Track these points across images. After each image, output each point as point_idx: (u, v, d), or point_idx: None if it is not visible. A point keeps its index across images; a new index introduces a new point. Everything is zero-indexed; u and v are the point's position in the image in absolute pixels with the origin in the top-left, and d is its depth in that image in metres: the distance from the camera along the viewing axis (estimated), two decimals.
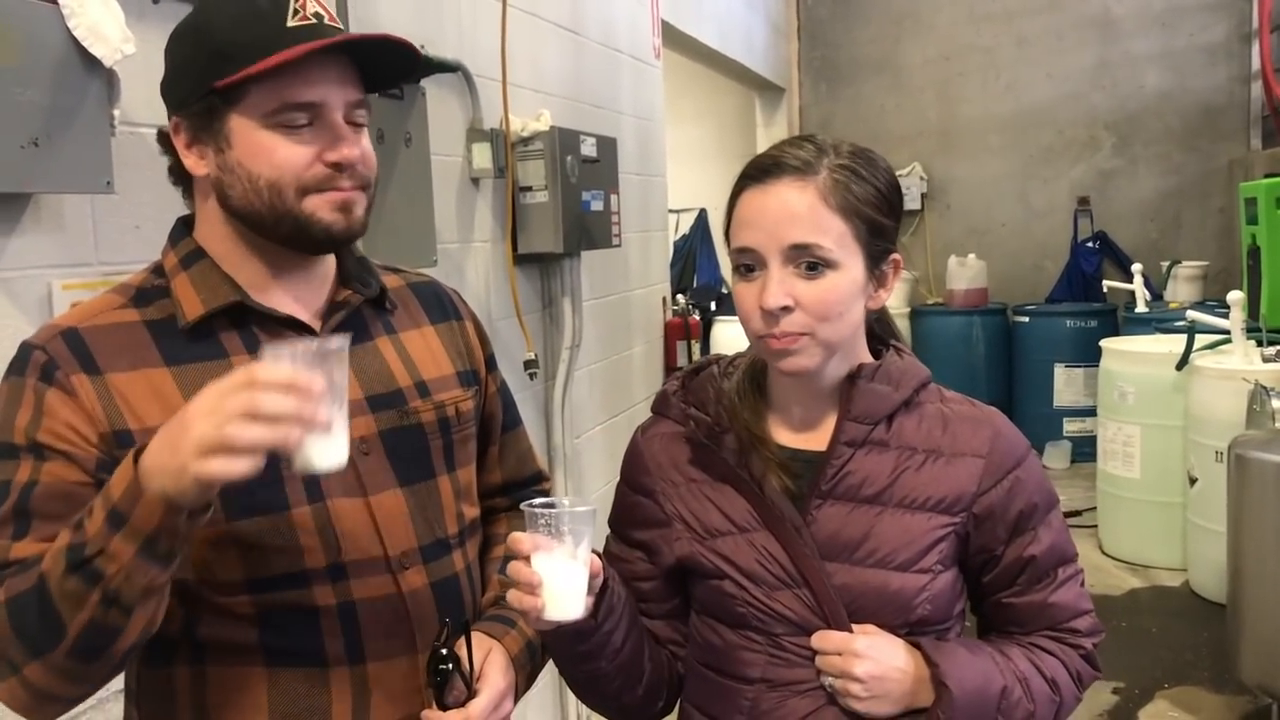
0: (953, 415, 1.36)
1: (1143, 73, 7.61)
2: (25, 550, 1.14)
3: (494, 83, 3.12)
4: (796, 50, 8.32)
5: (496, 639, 1.33)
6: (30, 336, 1.24)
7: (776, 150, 1.32)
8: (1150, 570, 5.16)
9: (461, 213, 3.07)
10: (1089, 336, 6.76)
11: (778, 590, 1.30)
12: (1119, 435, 5.28)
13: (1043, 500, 1.36)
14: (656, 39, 4.85)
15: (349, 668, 1.25)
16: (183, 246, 1.28)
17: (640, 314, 4.64)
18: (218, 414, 1.00)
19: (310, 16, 1.20)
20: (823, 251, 1.25)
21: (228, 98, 1.19)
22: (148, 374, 1.20)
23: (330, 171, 1.21)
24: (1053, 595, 1.37)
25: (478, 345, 1.48)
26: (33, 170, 1.57)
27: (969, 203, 8.11)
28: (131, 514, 1.03)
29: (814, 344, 1.26)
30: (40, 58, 1.56)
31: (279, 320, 1.27)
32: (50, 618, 1.08)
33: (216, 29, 1.20)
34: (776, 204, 1.26)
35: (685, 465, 1.38)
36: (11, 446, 1.17)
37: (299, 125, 1.20)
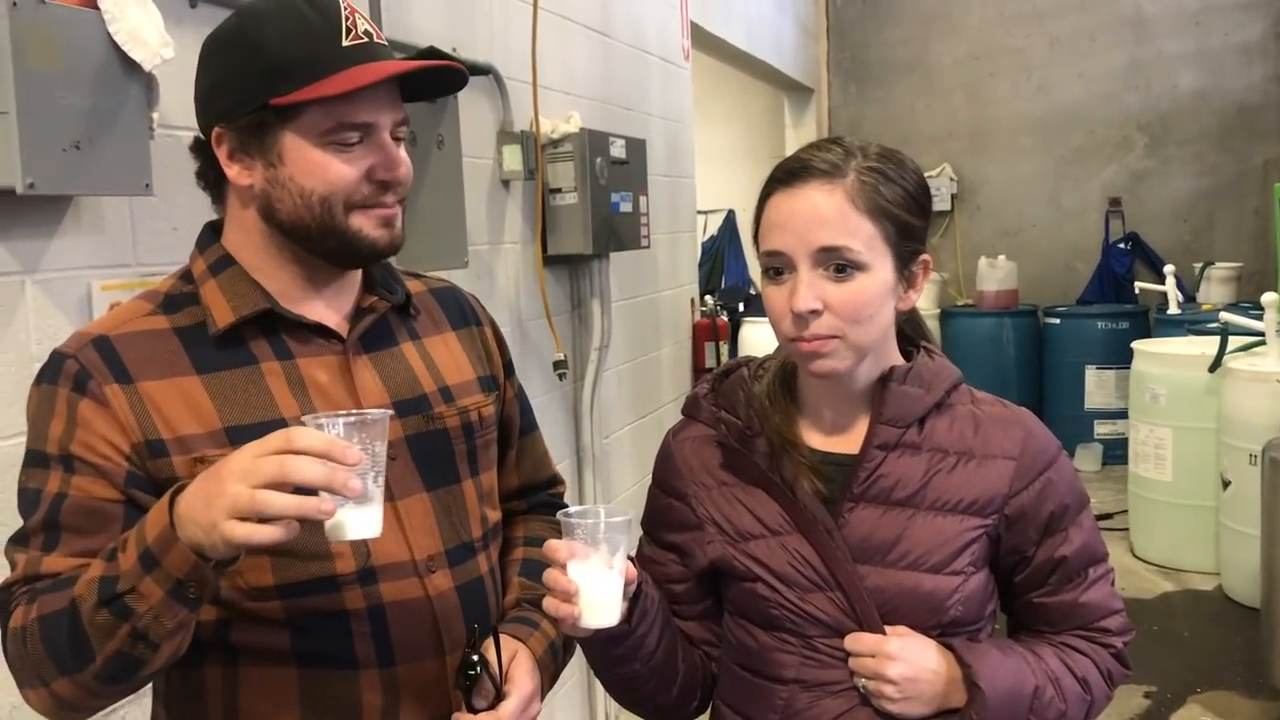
0: (984, 416, 1.35)
1: (1176, 72, 7.54)
2: (56, 565, 1.16)
3: (524, 85, 3.14)
4: (825, 51, 8.30)
5: (522, 641, 1.35)
6: (61, 344, 1.25)
7: (804, 153, 1.32)
8: (1182, 574, 5.12)
9: (492, 214, 3.09)
10: (1120, 338, 6.72)
11: (810, 593, 1.31)
12: (1150, 437, 5.24)
13: (1074, 501, 1.36)
14: (686, 41, 4.86)
15: (379, 670, 1.26)
16: (211, 253, 1.30)
17: (668, 315, 4.65)
18: (252, 476, 1.02)
19: (362, 35, 1.23)
20: (851, 254, 1.25)
21: (282, 114, 1.20)
22: (178, 382, 1.22)
23: (376, 189, 1.24)
24: (1084, 595, 1.37)
25: (496, 351, 1.50)
26: (74, 173, 1.59)
27: (999, 204, 8.06)
28: (163, 559, 1.05)
29: (845, 347, 1.27)
30: (82, 62, 1.59)
31: (308, 327, 1.28)
32: (80, 643, 1.10)
33: (270, 44, 1.21)
34: (805, 207, 1.26)
35: (716, 468, 1.39)
36: (44, 455, 1.19)
37: (351, 144, 1.22)
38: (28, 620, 1.13)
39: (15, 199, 1.57)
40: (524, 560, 1.48)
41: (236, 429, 1.21)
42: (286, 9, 1.23)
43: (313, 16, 1.22)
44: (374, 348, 1.33)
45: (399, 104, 1.27)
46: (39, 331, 1.67)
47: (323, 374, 1.28)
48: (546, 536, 1.49)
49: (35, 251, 1.67)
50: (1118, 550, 5.42)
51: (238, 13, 1.26)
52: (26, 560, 1.18)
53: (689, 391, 1.48)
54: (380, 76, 1.20)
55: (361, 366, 1.30)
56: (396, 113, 1.26)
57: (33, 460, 1.21)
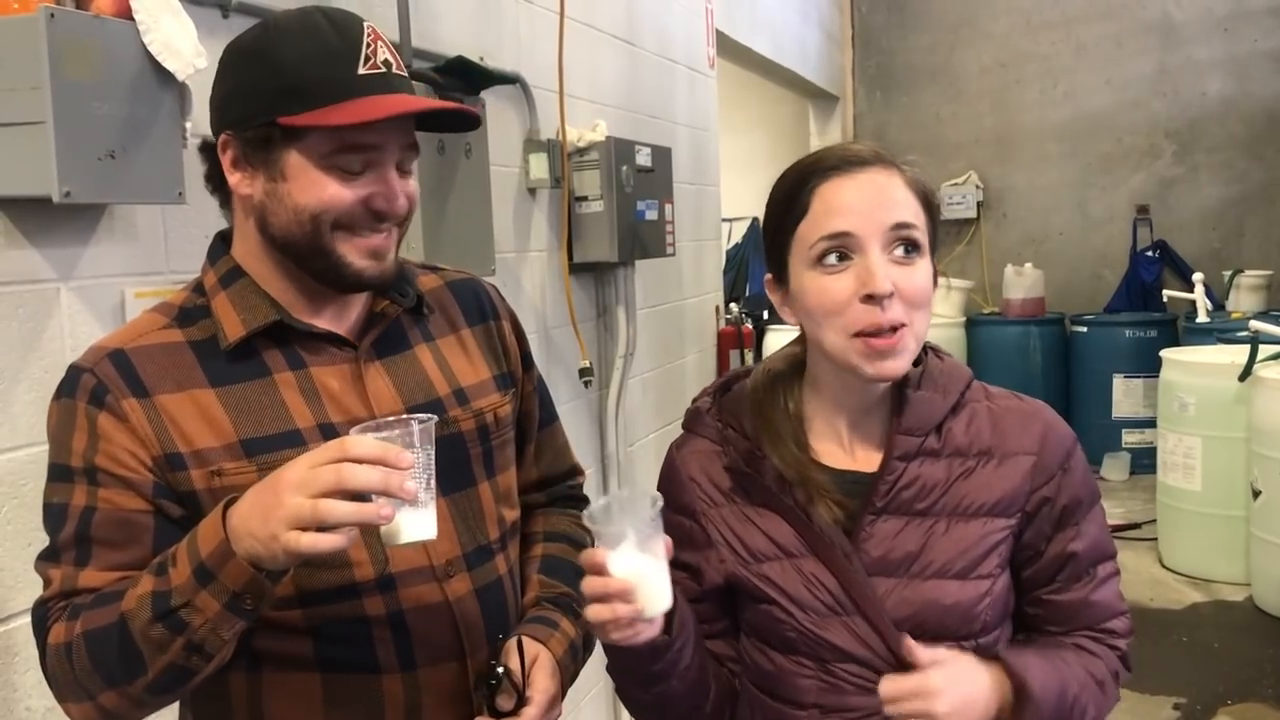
0: (1000, 412, 1.33)
1: (1205, 79, 7.49)
2: (92, 579, 1.17)
3: (551, 94, 3.16)
4: (851, 58, 8.29)
5: (542, 643, 1.34)
6: (78, 359, 1.26)
7: (843, 148, 1.30)
8: (1212, 584, 5.07)
9: (518, 222, 3.11)
10: (1148, 347, 6.67)
11: (826, 618, 1.28)
12: (1179, 447, 5.19)
13: (1087, 495, 1.34)
14: (711, 49, 4.87)
15: (400, 674, 1.27)
16: (221, 265, 1.31)
17: (693, 323, 4.65)
18: (309, 487, 1.03)
19: (380, 65, 1.22)
20: (919, 234, 1.24)
21: (289, 133, 1.20)
22: (194, 395, 1.22)
23: (371, 217, 1.24)
24: (1094, 593, 1.34)
25: (514, 344, 1.49)
26: (109, 182, 1.61)
27: (1026, 211, 8.03)
28: (219, 572, 1.07)
29: (911, 339, 1.24)
30: (117, 72, 1.61)
31: (319, 336, 1.29)
32: (131, 657, 1.11)
33: (287, 63, 1.21)
34: (873, 188, 1.24)
35: (726, 489, 1.35)
36: (67, 469, 1.20)
37: (354, 170, 1.22)
38: (72, 636, 1.14)
39: (51, 207, 1.59)
40: (543, 557, 1.48)
41: (252, 441, 1.22)
42: (310, 27, 1.22)
43: (334, 39, 1.22)
44: (386, 353, 1.33)
45: (409, 135, 1.26)
46: (74, 339, 1.69)
47: (335, 382, 1.28)
48: (566, 531, 1.52)
49: (70, 259, 1.69)
50: (1146, 560, 5.38)
51: (262, 24, 1.27)
52: (62, 576, 1.18)
53: (693, 403, 1.44)
54: (387, 114, 1.19)
55: (374, 373, 1.31)
56: (404, 140, 1.26)
57: (57, 475, 1.21)
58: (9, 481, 1.60)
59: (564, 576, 1.45)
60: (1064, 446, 1.33)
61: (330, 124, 1.18)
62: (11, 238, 1.60)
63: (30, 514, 1.62)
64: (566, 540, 1.51)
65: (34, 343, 1.64)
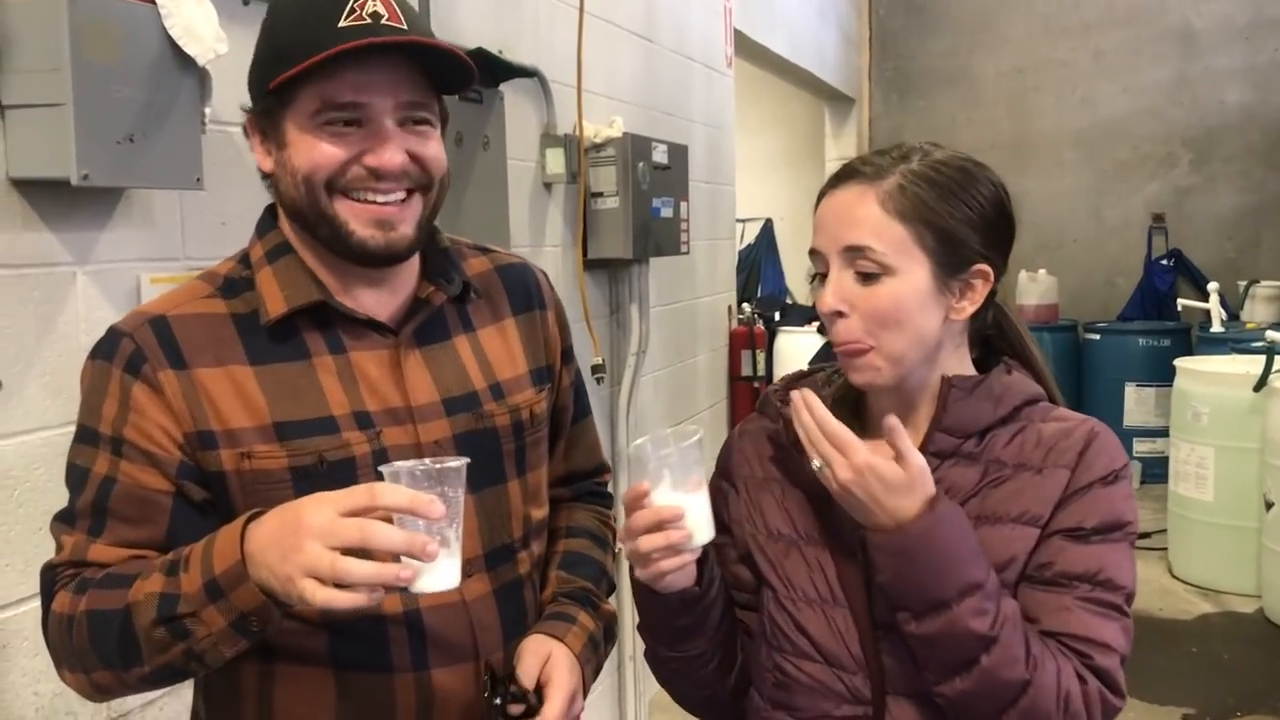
0: (1049, 431, 1.30)
1: (1224, 88, 7.45)
2: (103, 554, 1.16)
3: (569, 88, 3.15)
4: (868, 61, 8.27)
5: (559, 638, 1.32)
6: (119, 321, 1.23)
7: (860, 158, 1.32)
8: (1222, 595, 5.04)
9: (534, 217, 3.10)
10: (1161, 356, 6.63)
11: (810, 604, 1.30)
12: (1192, 456, 5.17)
13: (1114, 521, 1.25)
14: (729, 48, 4.85)
15: (414, 674, 1.25)
16: (270, 239, 1.28)
17: (706, 322, 4.64)
18: (331, 538, 1.00)
19: (366, 16, 1.16)
20: (875, 255, 1.23)
21: (281, 98, 1.18)
22: (231, 371, 1.20)
23: (365, 175, 1.19)
24: (1079, 610, 1.22)
25: (557, 336, 1.45)
26: (127, 166, 1.61)
27: (1040, 218, 7.99)
28: (230, 592, 1.05)
29: (878, 356, 1.25)
30: (138, 56, 1.61)
31: (361, 321, 1.26)
32: (130, 647, 1.10)
33: (278, 30, 1.20)
34: (839, 207, 1.27)
35: (767, 461, 1.38)
36: (95, 434, 1.18)
37: (343, 126, 1.18)
38: (75, 610, 1.13)
39: (68, 190, 1.59)
40: (564, 552, 1.46)
41: (286, 424, 1.20)
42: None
43: (322, 1, 1.17)
44: (426, 340, 1.30)
45: (408, 87, 1.19)
46: (88, 322, 1.68)
47: (374, 369, 1.26)
48: (589, 526, 1.50)
49: (86, 243, 1.69)
50: (1156, 570, 5.35)
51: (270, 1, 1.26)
52: (73, 544, 1.18)
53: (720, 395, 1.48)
54: (345, 48, 1.12)
55: (413, 362, 1.28)
56: (402, 94, 1.19)
57: (84, 437, 1.20)
58: (22, 465, 1.59)
59: (584, 571, 1.44)
60: (1105, 465, 1.26)
61: (294, 72, 1.13)
62: (28, 220, 1.59)
63: (43, 498, 1.61)
64: (589, 536, 1.50)
65: (49, 326, 1.63)
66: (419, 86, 1.21)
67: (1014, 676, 1.17)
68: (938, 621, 1.17)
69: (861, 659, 1.27)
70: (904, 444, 1.18)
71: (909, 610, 1.19)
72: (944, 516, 1.18)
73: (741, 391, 4.98)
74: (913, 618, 1.19)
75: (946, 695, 1.20)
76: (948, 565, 1.17)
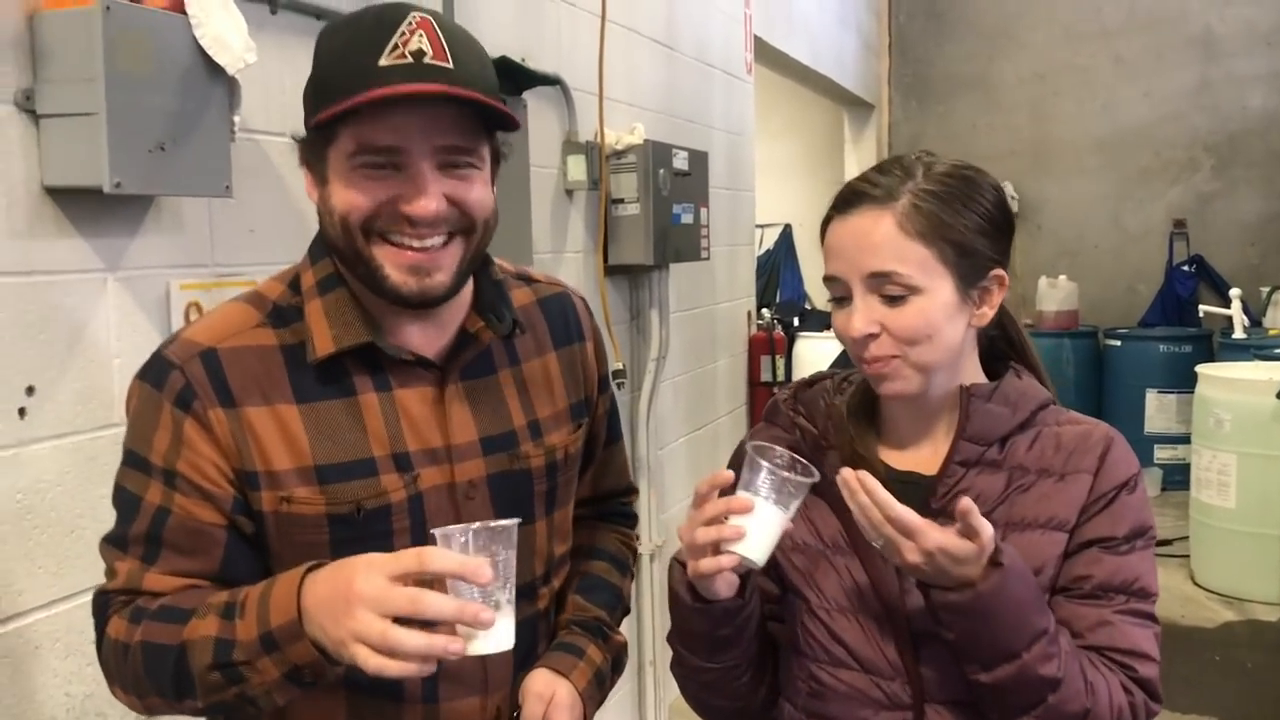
0: (1066, 435, 1.32)
1: (1247, 93, 7.41)
2: (158, 583, 1.17)
3: (590, 96, 3.16)
4: (888, 67, 8.26)
5: (564, 674, 1.31)
6: (168, 348, 1.22)
7: (861, 178, 1.32)
8: (1245, 603, 5.00)
9: (555, 223, 3.11)
10: (1183, 362, 6.60)
11: (844, 613, 1.30)
12: (1214, 463, 5.14)
13: (1136, 526, 1.29)
14: (749, 54, 4.86)
15: (424, 705, 1.26)
16: (321, 268, 1.25)
17: (725, 327, 4.64)
18: (383, 605, 1.00)
19: (409, 54, 1.13)
20: (902, 279, 1.24)
21: (323, 134, 1.16)
22: (278, 410, 1.19)
23: (400, 220, 1.16)
24: (1115, 620, 1.26)
25: (594, 366, 1.44)
26: (158, 173, 1.63)
27: (1061, 223, 7.97)
28: (285, 647, 1.06)
29: (906, 367, 1.26)
30: (169, 65, 1.63)
31: (408, 361, 1.24)
32: (184, 682, 1.11)
33: (323, 60, 1.18)
34: (855, 234, 1.27)
35: None
36: (146, 462, 1.18)
37: (380, 168, 1.15)
38: (131, 640, 1.14)
39: (100, 198, 1.61)
40: (584, 575, 1.44)
41: (326, 468, 1.19)
42: (354, 19, 1.20)
43: (369, 30, 1.15)
44: (471, 375, 1.29)
45: (450, 129, 1.16)
46: (119, 328, 1.71)
47: (416, 406, 1.24)
48: (611, 549, 1.50)
49: (117, 250, 1.71)
50: (1177, 578, 5.32)
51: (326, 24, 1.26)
52: (128, 571, 1.18)
53: (772, 398, 1.47)
54: (374, 97, 1.10)
55: (456, 400, 1.27)
56: (440, 138, 1.15)
57: (134, 462, 1.20)
58: (53, 470, 1.61)
59: (599, 598, 1.43)
60: (1125, 471, 1.30)
61: (330, 115, 1.12)
62: (61, 227, 1.62)
63: (73, 502, 1.63)
64: (609, 560, 1.49)
65: (80, 332, 1.65)
66: (463, 128, 1.17)
67: (1077, 708, 1.21)
68: (1009, 670, 1.19)
69: (899, 664, 1.28)
70: (977, 522, 1.16)
71: (978, 663, 1.20)
72: (1012, 572, 1.18)
73: (761, 397, 4.98)
74: (982, 669, 1.20)
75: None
76: (1018, 619, 1.19)
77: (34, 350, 1.58)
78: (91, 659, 1.64)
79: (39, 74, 1.56)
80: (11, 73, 1.54)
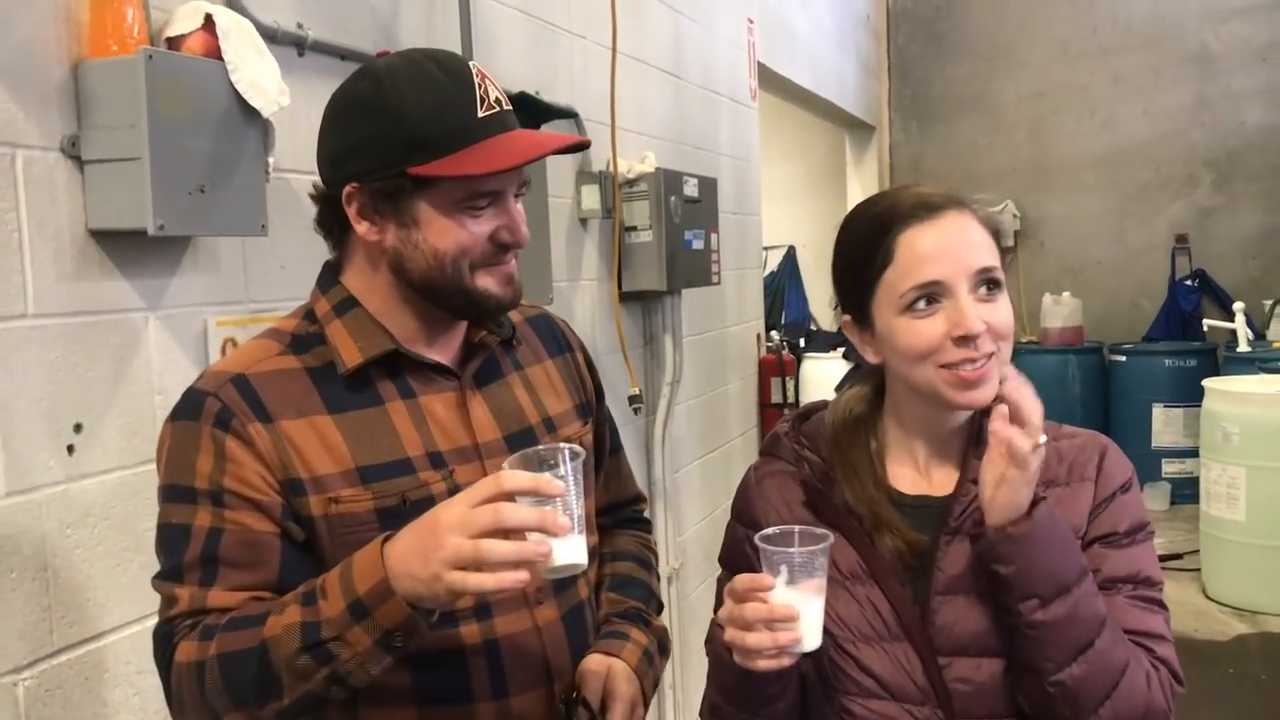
0: (1065, 448, 1.38)
1: (1244, 109, 7.48)
2: (221, 600, 1.20)
3: (602, 126, 3.22)
4: (887, 89, 8.34)
5: (615, 655, 1.39)
6: (198, 383, 1.29)
7: (916, 192, 1.34)
8: (1258, 616, 5.02)
9: (571, 251, 3.17)
10: (1188, 376, 6.65)
11: (871, 643, 1.32)
12: (1223, 477, 5.17)
13: (1136, 522, 1.35)
14: (753, 81, 4.93)
15: (493, 702, 1.30)
16: (335, 294, 1.35)
17: (736, 350, 4.69)
18: (469, 528, 1.07)
19: (494, 104, 1.28)
20: (999, 273, 1.30)
21: (419, 183, 1.25)
22: (313, 421, 1.26)
23: (499, 249, 1.30)
24: (1128, 607, 1.32)
25: (588, 376, 1.56)
26: (199, 215, 1.68)
27: (1063, 240, 8.03)
28: (376, 610, 1.10)
29: (997, 368, 1.28)
30: (207, 110, 1.68)
31: (428, 366, 1.34)
32: (268, 683, 1.14)
33: (410, 114, 1.24)
34: (955, 233, 1.30)
35: (797, 505, 1.39)
36: (190, 490, 1.23)
37: (481, 209, 1.28)
38: (205, 656, 1.17)
39: (141, 239, 1.66)
40: (612, 575, 1.53)
41: (368, 468, 1.26)
42: (424, 75, 1.26)
43: (449, 85, 1.26)
44: (485, 381, 1.39)
45: (522, 169, 1.32)
46: (160, 364, 1.75)
47: (441, 410, 1.33)
48: (632, 550, 1.58)
49: (158, 289, 1.76)
50: (1189, 591, 5.34)
51: (373, 77, 1.28)
52: (190, 595, 1.21)
53: (772, 429, 1.50)
54: (520, 162, 1.26)
55: (476, 402, 1.36)
56: (520, 177, 1.32)
57: (176, 496, 1.24)
58: (100, 504, 1.65)
59: (633, 592, 1.51)
60: (1121, 475, 1.37)
61: (465, 173, 1.24)
62: (105, 269, 1.66)
63: (119, 535, 1.68)
64: (634, 560, 1.57)
65: (124, 370, 1.70)
66: None
67: (1120, 657, 1.25)
68: (1065, 605, 1.23)
69: (929, 689, 1.30)
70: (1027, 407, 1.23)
71: (1038, 597, 1.23)
72: (1051, 509, 1.26)
73: (771, 418, 5.01)
74: (1040, 605, 1.23)
75: (1064, 683, 1.24)
76: (1065, 551, 1.25)
77: (81, 389, 1.63)
78: (140, 689, 1.69)
79: (84, 121, 1.61)
80: (58, 121, 1.59)
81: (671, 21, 3.93)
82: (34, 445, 1.56)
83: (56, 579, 1.58)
